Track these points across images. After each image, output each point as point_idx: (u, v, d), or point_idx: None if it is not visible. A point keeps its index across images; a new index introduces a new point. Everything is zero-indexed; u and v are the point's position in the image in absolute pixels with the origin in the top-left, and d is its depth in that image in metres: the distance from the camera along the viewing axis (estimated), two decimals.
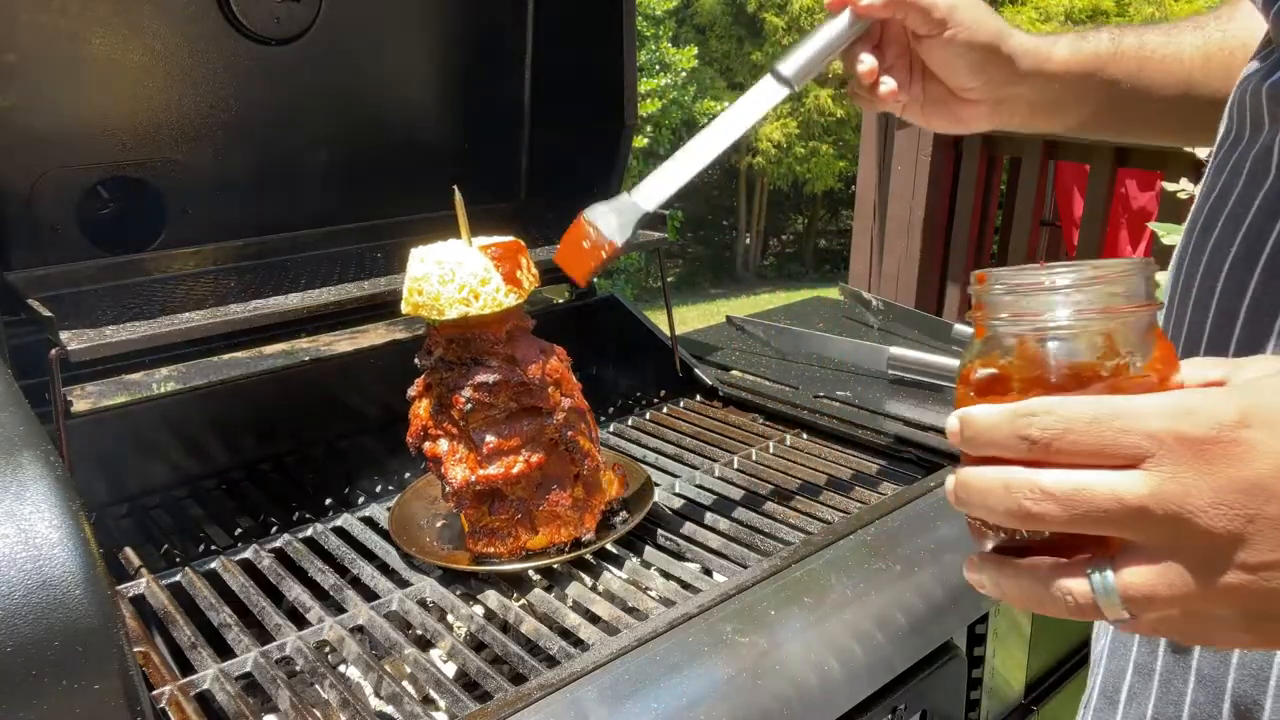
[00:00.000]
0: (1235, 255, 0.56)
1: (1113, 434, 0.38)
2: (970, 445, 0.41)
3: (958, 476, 0.42)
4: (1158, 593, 0.38)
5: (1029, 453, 0.39)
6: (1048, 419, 0.39)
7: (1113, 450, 0.38)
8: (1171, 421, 0.37)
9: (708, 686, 0.69)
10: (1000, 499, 0.40)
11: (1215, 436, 0.37)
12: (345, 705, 0.72)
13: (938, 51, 0.77)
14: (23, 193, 1.06)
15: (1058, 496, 0.38)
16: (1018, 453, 0.39)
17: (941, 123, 0.84)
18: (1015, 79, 0.79)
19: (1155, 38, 0.82)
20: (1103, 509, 0.38)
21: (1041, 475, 0.39)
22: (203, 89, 1.16)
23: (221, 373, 1.13)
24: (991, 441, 0.40)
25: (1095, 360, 0.41)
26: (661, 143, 8.51)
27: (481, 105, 1.42)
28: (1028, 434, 0.39)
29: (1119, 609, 0.39)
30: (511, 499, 0.87)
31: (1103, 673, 0.66)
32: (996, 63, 0.78)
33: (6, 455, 0.60)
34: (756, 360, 1.39)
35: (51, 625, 0.54)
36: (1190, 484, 0.37)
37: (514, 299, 0.84)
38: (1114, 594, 0.39)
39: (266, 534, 0.97)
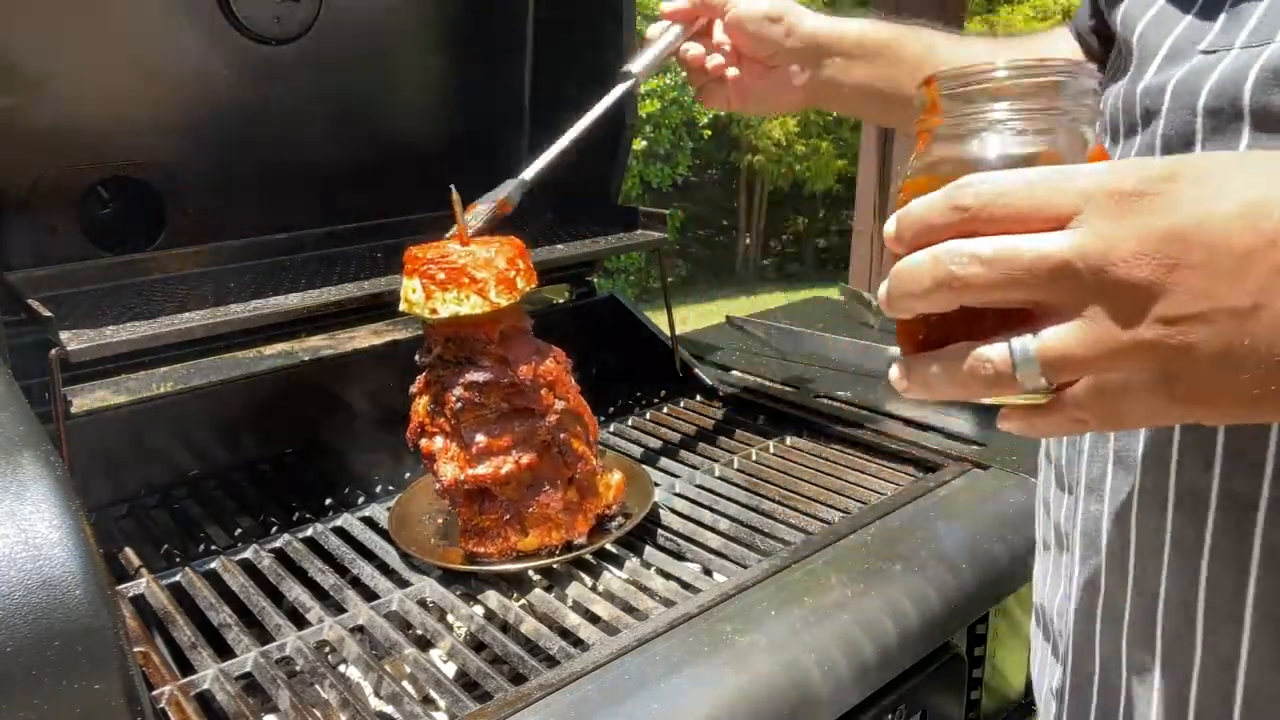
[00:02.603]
0: None
1: (1044, 193, 0.38)
2: (906, 235, 0.42)
3: (892, 271, 0.42)
4: (1074, 351, 0.38)
5: (962, 223, 0.39)
6: (982, 186, 0.39)
7: (1043, 210, 0.38)
8: (1100, 178, 0.37)
9: (708, 686, 0.69)
10: (929, 271, 0.40)
11: (1141, 189, 0.37)
12: (345, 705, 0.72)
13: (732, 30, 0.93)
14: (23, 193, 1.06)
15: (984, 258, 0.38)
16: (951, 225, 0.39)
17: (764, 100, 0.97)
18: (802, 38, 0.92)
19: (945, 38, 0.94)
20: (1027, 267, 0.37)
21: (970, 241, 0.39)
22: (203, 89, 1.16)
23: (221, 373, 1.13)
24: (926, 222, 0.40)
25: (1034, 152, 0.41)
26: (661, 143, 8.50)
27: (481, 105, 1.42)
28: (960, 202, 0.39)
29: (1036, 375, 0.39)
30: (501, 499, 0.88)
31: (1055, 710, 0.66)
32: (777, 25, 0.91)
33: (6, 455, 0.60)
34: (756, 360, 1.39)
35: (51, 625, 0.54)
36: (1114, 235, 0.37)
37: (507, 299, 0.84)
38: (1032, 358, 0.38)
39: (266, 534, 0.97)
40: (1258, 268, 0.36)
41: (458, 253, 0.84)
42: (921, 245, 0.41)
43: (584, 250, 1.23)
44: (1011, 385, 0.39)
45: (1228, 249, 0.36)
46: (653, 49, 0.97)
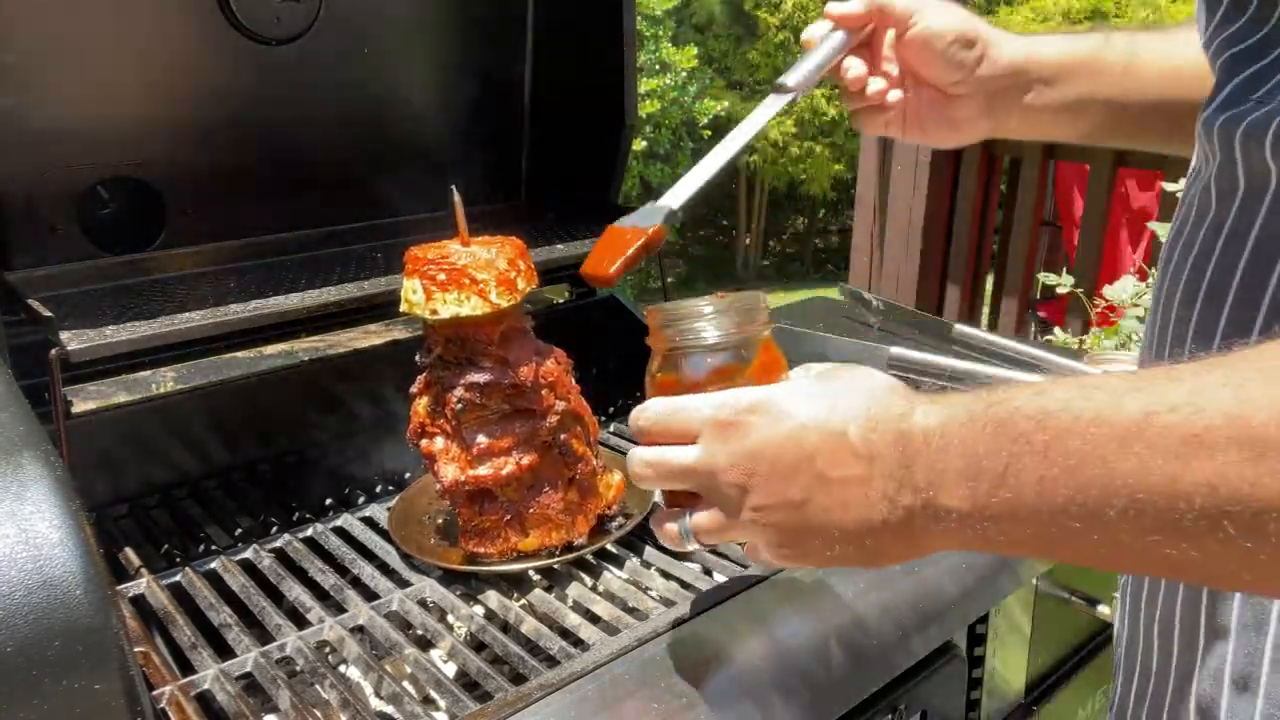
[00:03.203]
0: (1184, 287, 0.58)
1: (678, 423, 0.58)
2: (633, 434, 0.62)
3: None
4: (710, 529, 0.58)
5: (642, 436, 0.61)
6: (647, 413, 0.60)
7: (679, 433, 0.58)
8: (710, 411, 0.56)
9: (708, 686, 0.69)
10: (630, 465, 0.61)
11: (733, 419, 0.55)
12: (345, 705, 0.72)
13: (913, 49, 0.79)
14: (23, 193, 1.06)
15: (649, 462, 0.59)
16: (642, 437, 0.61)
17: (940, 131, 0.84)
18: (999, 67, 0.79)
19: (1148, 35, 0.82)
20: (673, 471, 0.58)
21: (643, 450, 0.60)
22: (203, 89, 1.16)
23: (221, 373, 1.13)
24: (634, 430, 0.62)
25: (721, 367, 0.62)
26: (661, 143, 8.50)
27: (481, 105, 1.42)
28: (637, 424, 0.61)
29: (694, 543, 0.60)
30: (502, 500, 0.87)
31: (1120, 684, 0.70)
32: (974, 49, 0.79)
33: (6, 455, 0.60)
34: None
35: (51, 625, 0.54)
36: (717, 452, 0.55)
37: (507, 300, 0.84)
38: (689, 532, 0.60)
39: (266, 534, 0.97)
40: (803, 473, 0.52)
41: (458, 253, 0.84)
42: None
43: (584, 250, 1.22)
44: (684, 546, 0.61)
45: (780, 462, 0.53)
46: (810, 60, 0.81)
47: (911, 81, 0.82)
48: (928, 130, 0.84)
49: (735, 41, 9.93)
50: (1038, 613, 0.99)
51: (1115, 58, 0.81)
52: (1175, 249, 0.60)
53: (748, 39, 9.87)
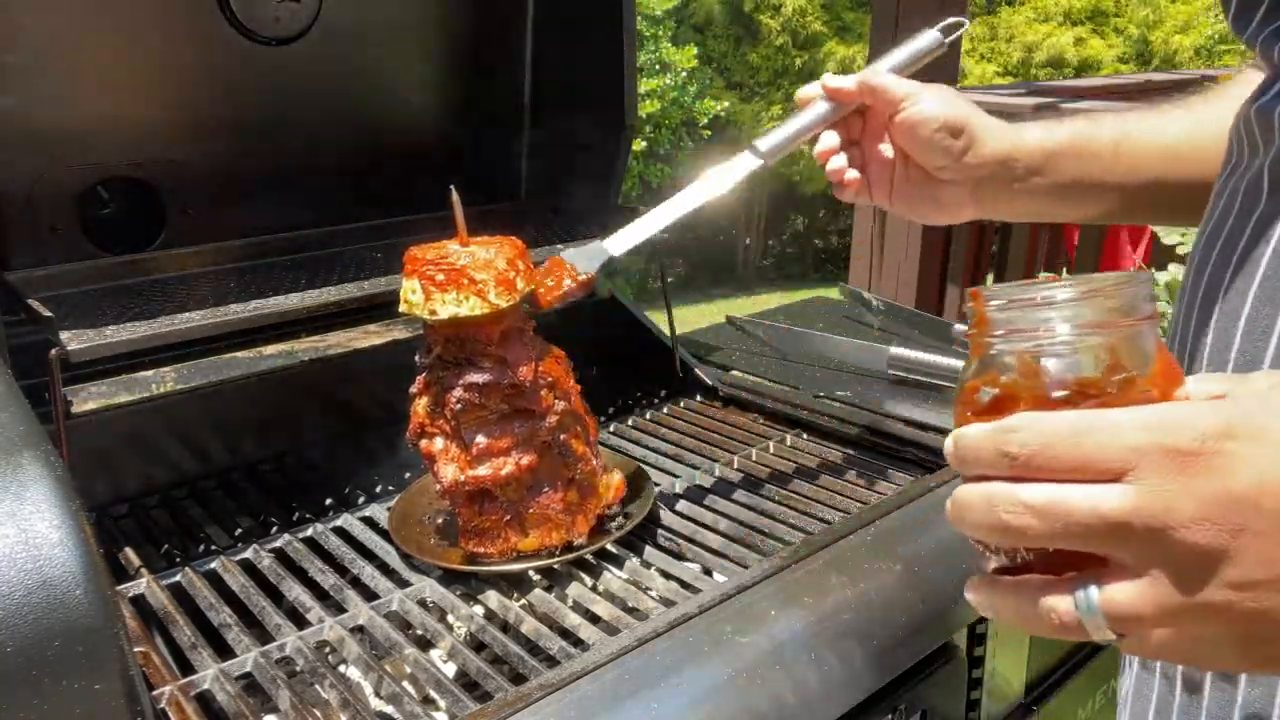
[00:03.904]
0: (1230, 280, 0.56)
1: (1093, 447, 0.37)
2: (960, 464, 0.42)
3: (953, 494, 0.42)
4: (1141, 611, 0.37)
5: (1011, 469, 0.39)
6: (1027, 434, 0.38)
7: (1093, 464, 0.37)
8: (1153, 434, 0.36)
9: (708, 686, 0.69)
10: (983, 513, 0.39)
11: (1198, 449, 0.36)
12: (345, 705, 0.72)
13: (902, 132, 0.81)
14: (23, 193, 1.06)
15: (1036, 509, 0.38)
16: (1001, 470, 0.39)
17: (925, 208, 0.86)
18: (984, 157, 0.81)
19: (1137, 117, 0.83)
20: (1082, 523, 0.37)
21: (1021, 489, 0.38)
22: (203, 89, 1.16)
23: (221, 373, 1.13)
24: (977, 459, 0.40)
25: (1094, 376, 0.40)
26: (661, 143, 8.50)
27: (481, 105, 1.42)
28: (1007, 449, 0.39)
29: (1104, 629, 0.38)
30: (501, 500, 0.88)
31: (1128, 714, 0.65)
32: (962, 137, 0.80)
33: (6, 455, 0.60)
34: (756, 360, 1.39)
35: (51, 625, 0.54)
36: (1172, 497, 0.36)
37: (506, 300, 0.84)
38: (1098, 612, 0.38)
39: (266, 534, 0.97)
40: None
41: (457, 254, 0.84)
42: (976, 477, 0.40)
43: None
44: (1080, 634, 0.39)
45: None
46: (789, 127, 0.85)
47: (901, 160, 0.84)
48: (914, 207, 0.86)
49: (735, 42, 9.93)
50: None
51: (1103, 142, 0.81)
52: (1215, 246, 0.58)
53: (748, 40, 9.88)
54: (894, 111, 0.81)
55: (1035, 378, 0.41)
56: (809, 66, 9.72)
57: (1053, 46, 9.69)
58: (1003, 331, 0.42)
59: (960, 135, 0.80)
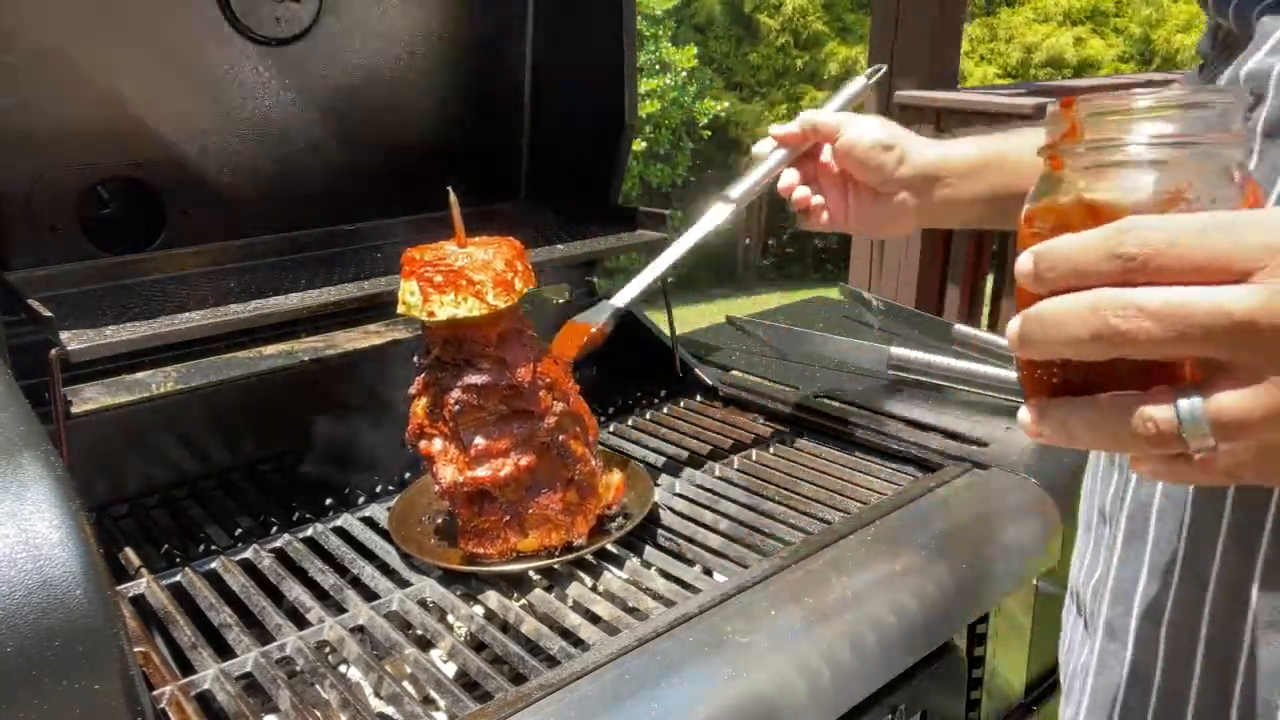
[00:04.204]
0: None
1: (1224, 245, 0.35)
2: (1048, 276, 0.38)
3: (1025, 313, 0.39)
4: (1252, 416, 0.35)
5: (1123, 273, 0.36)
6: (1150, 234, 0.35)
7: (1223, 262, 0.34)
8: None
9: (708, 686, 0.69)
10: (1084, 321, 0.36)
11: None
12: (345, 705, 0.72)
13: (842, 156, 0.92)
14: (23, 193, 1.06)
15: (1153, 311, 0.35)
16: (1108, 274, 0.36)
17: (876, 222, 0.95)
18: (915, 167, 0.90)
19: None
20: (1204, 324, 0.34)
21: (1136, 292, 0.35)
22: (203, 89, 1.16)
23: (221, 373, 1.13)
24: (1077, 267, 0.37)
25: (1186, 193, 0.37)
26: (661, 143, 8.50)
27: (481, 105, 1.42)
28: (1123, 250, 0.35)
29: (1205, 436, 0.36)
30: (500, 501, 0.87)
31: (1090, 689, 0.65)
32: (890, 154, 0.90)
33: (6, 455, 0.60)
34: (756, 360, 1.39)
35: (51, 625, 0.54)
36: None
37: (505, 301, 0.84)
38: (1201, 420, 0.36)
39: (266, 534, 0.97)
40: None
41: (455, 255, 0.84)
42: (1067, 289, 0.38)
43: (584, 250, 1.23)
44: (1174, 445, 0.37)
45: None
46: (753, 174, 0.97)
47: (851, 185, 0.94)
48: (865, 224, 0.96)
49: (736, 43, 9.94)
50: (1038, 613, 0.99)
51: (1023, 151, 0.87)
52: None
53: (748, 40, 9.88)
54: (833, 139, 0.92)
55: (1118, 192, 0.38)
56: (810, 66, 9.73)
57: (1052, 47, 9.70)
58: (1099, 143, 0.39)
59: (892, 150, 0.89)
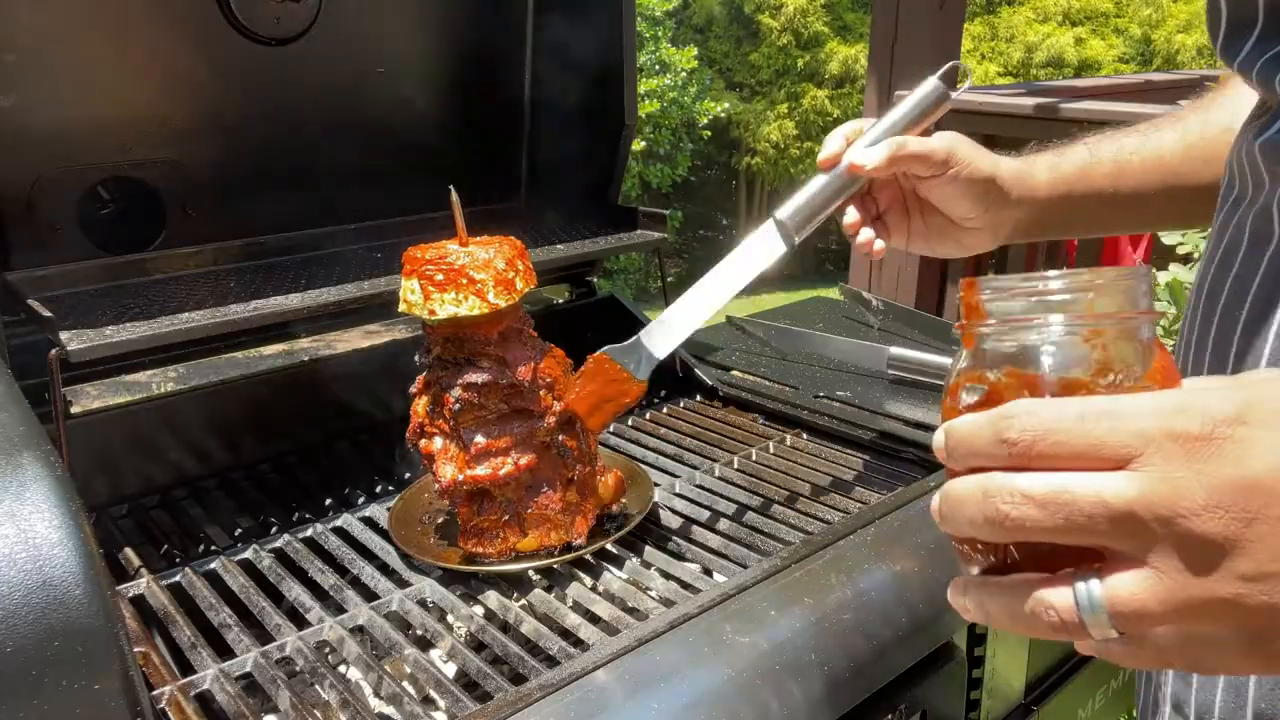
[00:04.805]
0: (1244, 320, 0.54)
1: (1100, 433, 0.35)
2: (953, 456, 0.40)
3: (940, 491, 0.40)
4: (1147, 605, 0.35)
5: (1009, 458, 0.36)
6: (1029, 419, 0.36)
7: (1099, 450, 0.35)
8: (1161, 419, 0.34)
9: (708, 686, 0.69)
10: (978, 506, 0.37)
11: (1210, 433, 0.34)
12: (345, 705, 0.72)
13: (941, 189, 0.81)
14: (23, 193, 1.06)
15: (1037, 499, 0.35)
16: (998, 459, 0.37)
17: (946, 248, 0.88)
18: (1009, 204, 0.83)
19: (1132, 141, 0.85)
20: (1086, 512, 0.35)
21: (1020, 478, 0.36)
22: (203, 89, 1.16)
23: (221, 373, 1.13)
24: (972, 450, 0.38)
25: (1090, 372, 0.38)
26: (661, 143, 8.50)
27: (481, 105, 1.42)
28: (1006, 435, 0.36)
29: (1106, 626, 0.36)
30: (500, 500, 0.87)
31: None
32: (993, 192, 0.82)
33: (6, 455, 0.60)
34: (756, 360, 1.39)
35: (51, 625, 0.54)
36: (1182, 484, 0.34)
37: (505, 300, 0.84)
38: (1101, 608, 0.36)
39: (266, 534, 0.97)
40: None
41: (456, 254, 0.84)
42: (972, 470, 0.38)
43: (584, 250, 1.23)
44: (1080, 634, 0.37)
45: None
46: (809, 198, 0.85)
47: (920, 210, 0.86)
48: (934, 248, 0.88)
49: (736, 43, 9.94)
50: None
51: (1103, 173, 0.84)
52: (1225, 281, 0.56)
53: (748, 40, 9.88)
54: (932, 174, 0.80)
55: (1027, 372, 0.39)
56: (811, 66, 9.72)
57: (1052, 46, 9.70)
58: (996, 323, 0.40)
59: (993, 192, 0.82)
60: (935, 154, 0.79)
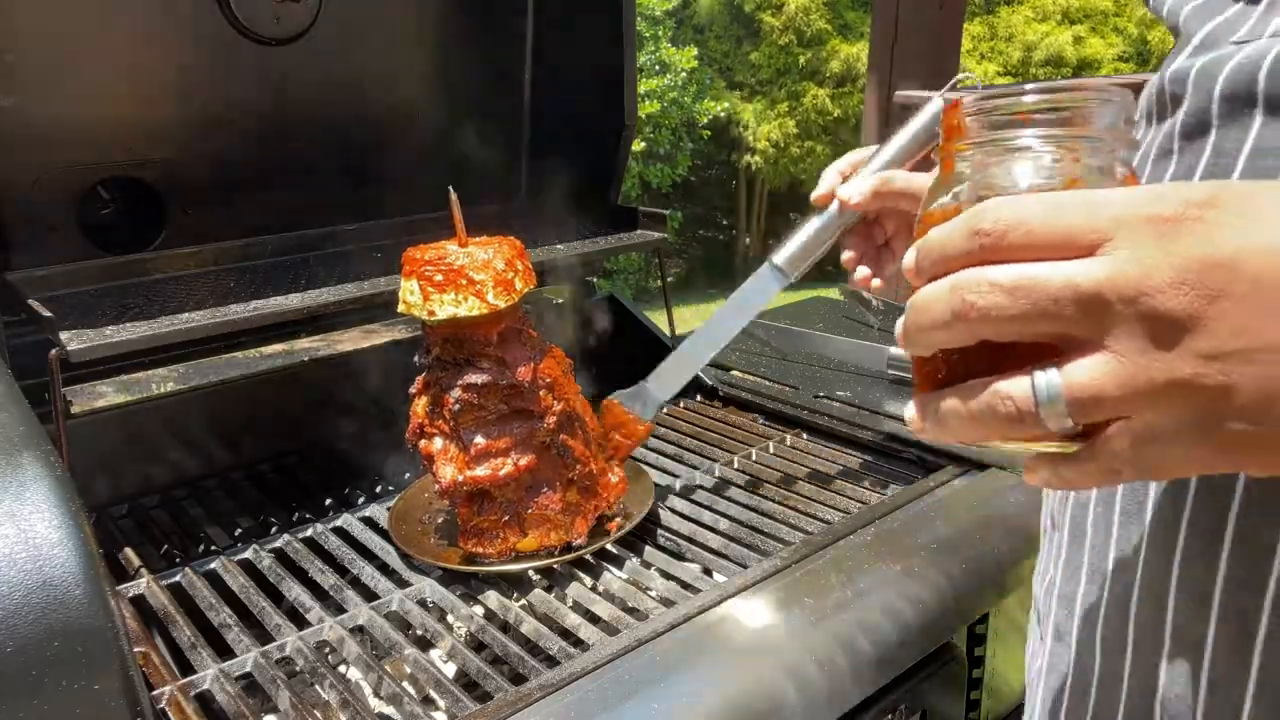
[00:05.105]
0: None
1: (1073, 218, 0.35)
2: (923, 265, 0.39)
3: (910, 302, 0.40)
4: (1105, 390, 0.35)
5: (983, 250, 0.36)
6: (1004, 210, 0.36)
7: (1070, 237, 0.35)
8: (1136, 205, 0.35)
9: (708, 686, 0.69)
10: (946, 301, 0.37)
11: (1180, 214, 0.34)
12: (345, 705, 0.72)
13: None
14: (23, 193, 1.06)
15: (1005, 285, 0.36)
16: (971, 254, 0.37)
17: None
18: None
19: None
20: (1054, 296, 0.35)
21: (989, 269, 0.36)
22: (203, 89, 1.16)
23: (221, 373, 1.13)
24: (943, 251, 0.38)
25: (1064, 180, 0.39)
26: (661, 143, 8.51)
27: (481, 105, 1.42)
28: (981, 226, 0.36)
29: (1063, 415, 0.36)
30: (500, 500, 0.88)
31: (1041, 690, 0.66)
32: None
33: (6, 455, 0.60)
34: (756, 360, 1.39)
35: (51, 625, 0.54)
36: (1150, 262, 0.34)
37: (505, 301, 0.84)
38: (1058, 395, 0.36)
39: (266, 534, 0.97)
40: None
41: (455, 254, 0.84)
42: (940, 275, 0.38)
43: (584, 250, 1.23)
44: (1035, 426, 0.37)
45: (1274, 282, 0.33)
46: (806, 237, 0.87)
47: None
48: None
49: (736, 42, 9.94)
50: None
51: None
52: None
53: (749, 39, 9.89)
54: None
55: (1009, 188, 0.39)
56: (812, 64, 9.73)
57: (1051, 45, 9.70)
58: (977, 142, 0.41)
59: None
60: (919, 192, 0.80)
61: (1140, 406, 0.35)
